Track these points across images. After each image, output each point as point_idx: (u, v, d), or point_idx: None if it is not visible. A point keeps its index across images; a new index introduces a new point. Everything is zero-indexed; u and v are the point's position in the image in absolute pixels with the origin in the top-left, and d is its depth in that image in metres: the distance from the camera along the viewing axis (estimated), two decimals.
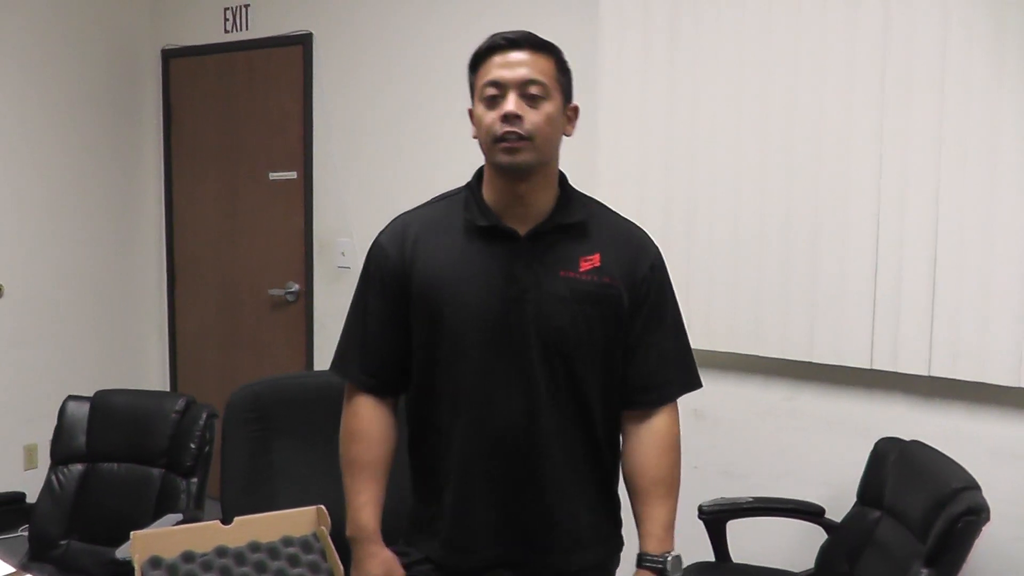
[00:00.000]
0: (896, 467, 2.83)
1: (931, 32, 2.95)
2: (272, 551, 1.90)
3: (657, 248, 2.04)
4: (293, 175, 4.78)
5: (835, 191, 3.15)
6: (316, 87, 4.65)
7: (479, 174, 2.02)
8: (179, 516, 2.89)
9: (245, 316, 5.07)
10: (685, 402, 2.05)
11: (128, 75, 5.21)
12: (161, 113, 5.29)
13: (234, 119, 5.01)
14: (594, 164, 3.58)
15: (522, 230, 1.92)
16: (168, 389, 5.36)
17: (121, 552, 2.51)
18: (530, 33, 1.92)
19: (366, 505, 2.00)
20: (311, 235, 4.74)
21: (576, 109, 1.98)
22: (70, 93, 4.90)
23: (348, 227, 4.56)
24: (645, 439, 1.99)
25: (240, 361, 5.07)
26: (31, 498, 3.28)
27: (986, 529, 2.46)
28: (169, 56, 5.22)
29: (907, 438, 2.92)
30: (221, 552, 1.89)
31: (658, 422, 1.99)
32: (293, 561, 1.88)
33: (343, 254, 4.58)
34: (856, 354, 3.14)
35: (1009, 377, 2.90)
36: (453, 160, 4.15)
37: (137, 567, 1.85)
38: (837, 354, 3.17)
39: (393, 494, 2.08)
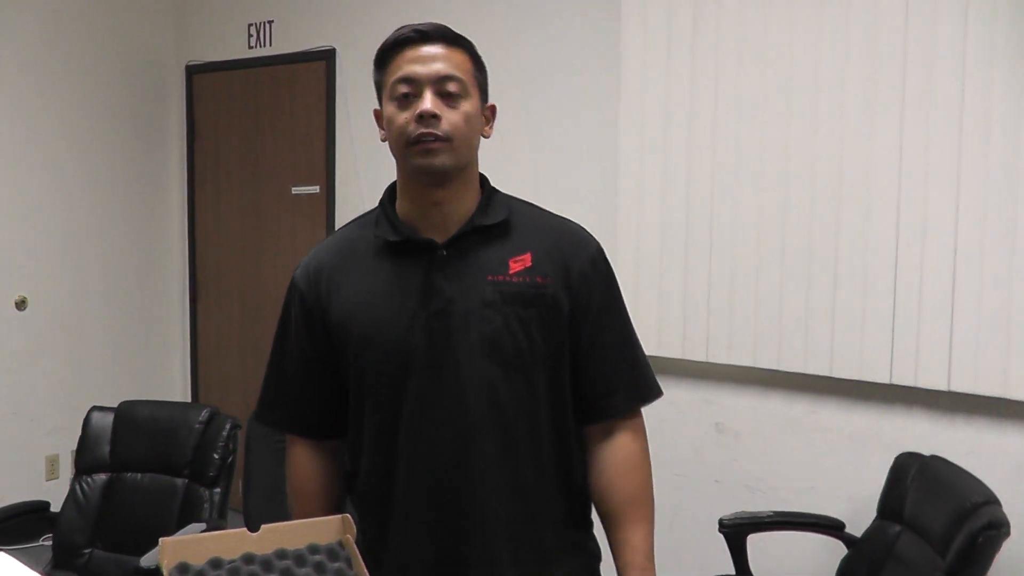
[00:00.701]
0: (916, 482, 2.83)
1: (951, 45, 2.97)
2: (299, 558, 1.90)
3: (597, 242, 1.84)
4: (316, 189, 4.82)
5: (856, 207, 3.16)
6: (339, 102, 4.69)
7: (390, 189, 1.84)
8: (203, 525, 2.91)
9: (267, 329, 5.08)
10: (705, 416, 2.00)
11: (152, 90, 5.26)
12: (185, 128, 5.34)
13: (257, 134, 5.06)
14: (615, 179, 3.61)
15: (441, 239, 1.74)
16: (189, 400, 5.39)
17: (147, 560, 2.53)
18: (442, 25, 1.75)
19: None
20: None
21: (494, 109, 1.82)
22: (95, 108, 4.95)
23: None
24: (608, 458, 1.79)
25: (262, 373, 5.07)
26: (54, 508, 3.31)
27: (1007, 544, 2.46)
28: (193, 72, 5.27)
29: (927, 453, 2.92)
30: (248, 559, 1.90)
31: (621, 438, 1.80)
32: (319, 569, 1.88)
33: None
34: (877, 369, 3.14)
35: None
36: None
37: (166, 573, 1.86)
38: (858, 369, 3.17)
39: None
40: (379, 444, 1.79)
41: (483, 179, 1.83)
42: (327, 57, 4.70)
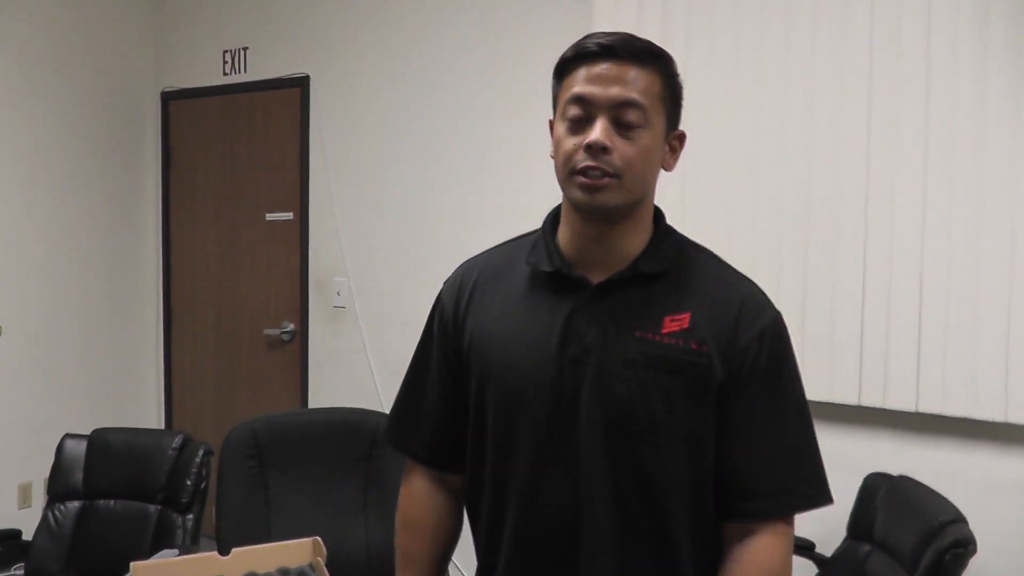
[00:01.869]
0: (885, 502, 2.86)
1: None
2: None
3: (775, 313, 1.56)
4: (290, 215, 4.83)
5: (821, 229, 3.21)
6: (313, 129, 4.71)
7: (555, 212, 1.63)
8: (175, 551, 2.90)
9: (241, 355, 5.10)
10: None
11: (128, 117, 5.26)
12: (160, 154, 5.35)
13: (232, 160, 5.07)
14: None
15: (596, 279, 1.54)
16: (163, 427, 5.37)
17: None
18: (631, 37, 1.50)
19: None
20: (307, 275, 4.78)
21: (682, 137, 1.57)
22: (70, 134, 4.95)
23: (344, 267, 4.60)
24: (740, 563, 1.52)
25: (236, 399, 5.09)
26: (26, 536, 3.29)
27: (975, 562, 2.49)
28: (169, 98, 5.29)
29: (896, 473, 2.95)
30: None
31: (761, 542, 1.51)
32: None
33: (338, 294, 4.63)
34: (845, 391, 3.18)
35: (996, 413, 2.94)
36: (448, 202, 4.22)
37: None
38: (827, 391, 3.20)
39: None
40: (494, 490, 1.61)
41: (658, 214, 1.61)
42: (301, 84, 4.73)
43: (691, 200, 3.37)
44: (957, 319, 2.99)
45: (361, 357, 4.54)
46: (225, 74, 5.04)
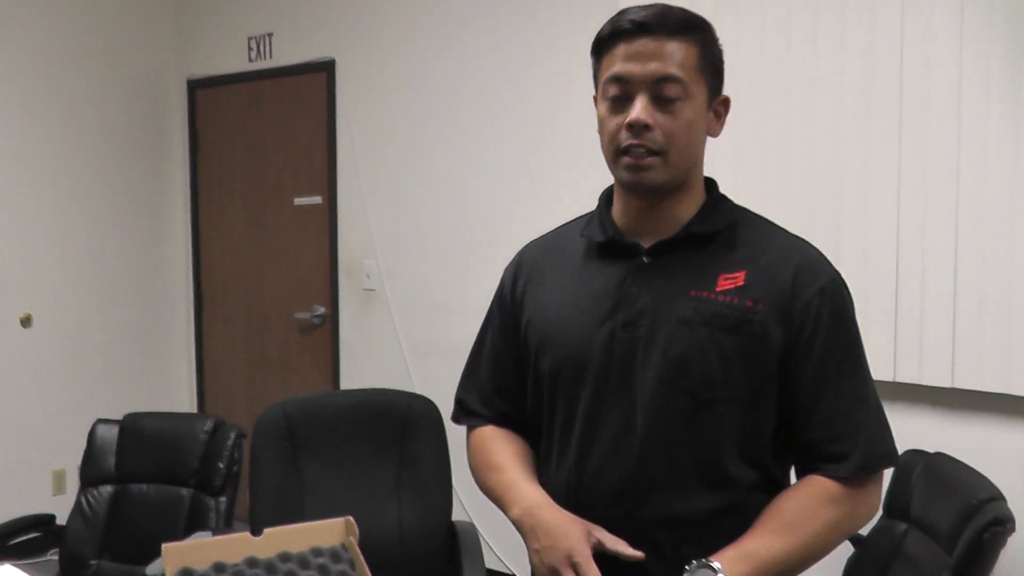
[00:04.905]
0: (922, 479, 2.82)
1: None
2: (302, 561, 1.91)
3: (834, 272, 1.54)
4: (318, 200, 4.83)
5: (854, 204, 3.17)
6: (340, 112, 4.71)
7: (611, 188, 1.66)
8: (209, 534, 2.91)
9: (272, 340, 5.11)
10: None
11: (154, 106, 5.28)
12: (187, 142, 5.38)
13: (259, 146, 5.08)
14: None
15: (648, 244, 1.56)
16: (195, 412, 5.40)
17: (151, 569, 2.53)
18: (666, 9, 1.49)
19: (518, 480, 1.64)
20: (336, 258, 4.78)
21: (727, 102, 1.56)
22: (97, 125, 4.97)
23: (373, 250, 4.60)
24: (807, 486, 1.52)
25: (267, 383, 5.11)
26: (60, 522, 3.31)
27: (1012, 539, 2.45)
28: (195, 86, 5.30)
29: (932, 450, 2.91)
30: (251, 563, 1.90)
31: (830, 492, 1.50)
32: (323, 571, 1.88)
33: (368, 276, 4.62)
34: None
35: None
36: (479, 183, 4.20)
37: None
38: None
39: None
40: (555, 458, 1.63)
41: (710, 182, 1.63)
42: (327, 68, 4.72)
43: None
44: (992, 293, 2.94)
45: (392, 340, 4.53)
46: (251, 60, 5.04)
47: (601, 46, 1.53)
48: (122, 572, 3.04)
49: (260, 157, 5.09)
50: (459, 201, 4.28)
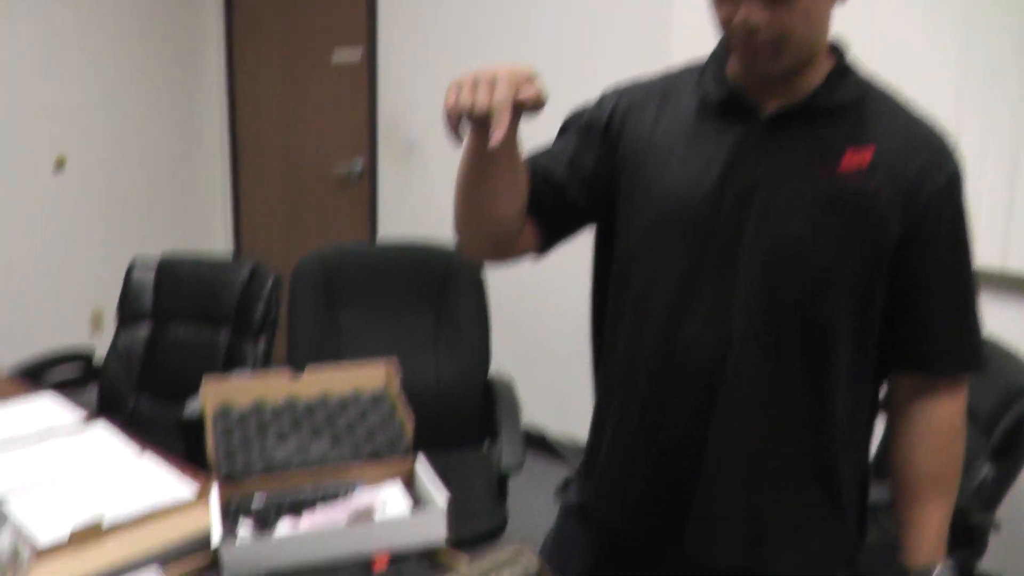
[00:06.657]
0: None
1: None
2: (342, 403, 1.91)
3: (958, 164, 1.43)
4: (358, 51, 4.72)
5: None
6: None
7: (724, 41, 1.45)
8: (248, 372, 2.92)
9: (309, 193, 5.08)
10: None
11: None
12: None
13: None
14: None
15: (769, 109, 1.42)
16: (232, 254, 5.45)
17: (189, 411, 2.54)
18: None
19: None
20: (375, 111, 4.70)
21: None
22: None
23: (413, 104, 4.50)
24: (920, 420, 1.49)
25: (304, 235, 5.10)
26: (97, 361, 3.33)
27: None
28: None
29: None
30: (292, 403, 1.91)
31: (941, 400, 1.48)
32: (363, 413, 1.88)
33: (408, 130, 4.54)
34: None
35: None
36: (532, 32, 4.06)
37: (208, 414, 1.86)
38: None
39: None
40: (634, 322, 1.52)
41: (837, 48, 1.46)
42: None
43: None
44: None
45: (430, 197, 4.47)
46: None
47: None
48: (160, 408, 3.07)
49: (297, 7, 4.95)
50: (511, 52, 4.09)
